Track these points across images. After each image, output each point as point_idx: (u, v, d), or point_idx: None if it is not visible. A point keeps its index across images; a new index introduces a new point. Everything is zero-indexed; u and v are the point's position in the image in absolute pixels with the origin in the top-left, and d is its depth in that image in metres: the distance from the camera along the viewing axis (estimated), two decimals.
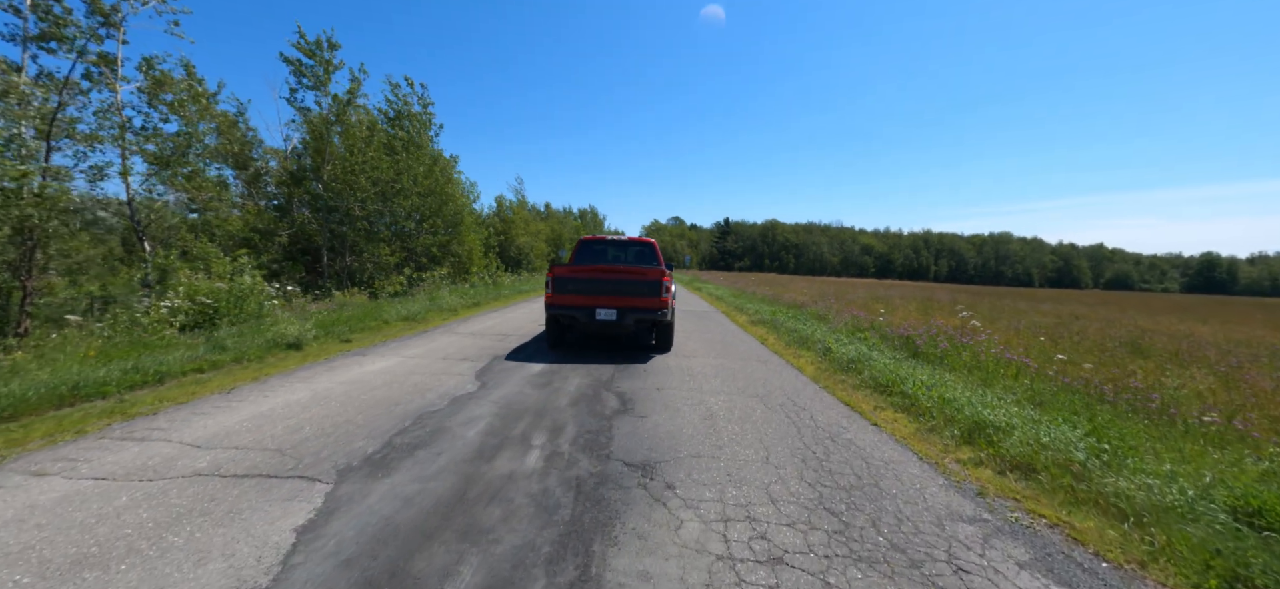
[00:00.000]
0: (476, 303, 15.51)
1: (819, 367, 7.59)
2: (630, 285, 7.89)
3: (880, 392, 6.08)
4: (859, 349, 8.11)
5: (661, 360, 7.77)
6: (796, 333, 10.20)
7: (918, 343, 8.45)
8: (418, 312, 12.11)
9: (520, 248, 36.75)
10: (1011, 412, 4.93)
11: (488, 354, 7.96)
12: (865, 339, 9.30)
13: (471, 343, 8.93)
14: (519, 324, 11.45)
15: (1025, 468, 3.86)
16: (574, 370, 6.94)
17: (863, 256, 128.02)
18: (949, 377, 6.61)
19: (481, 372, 6.74)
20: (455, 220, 22.85)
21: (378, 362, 7.23)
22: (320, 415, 4.75)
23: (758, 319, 13.10)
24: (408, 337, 9.49)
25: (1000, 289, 53.40)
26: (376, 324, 10.40)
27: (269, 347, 7.63)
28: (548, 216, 62.04)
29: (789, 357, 8.38)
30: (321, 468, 3.62)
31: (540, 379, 6.39)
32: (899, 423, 5.05)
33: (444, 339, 9.27)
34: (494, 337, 9.67)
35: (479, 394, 5.64)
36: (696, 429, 4.63)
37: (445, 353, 7.96)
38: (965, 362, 7.49)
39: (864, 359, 7.33)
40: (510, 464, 3.76)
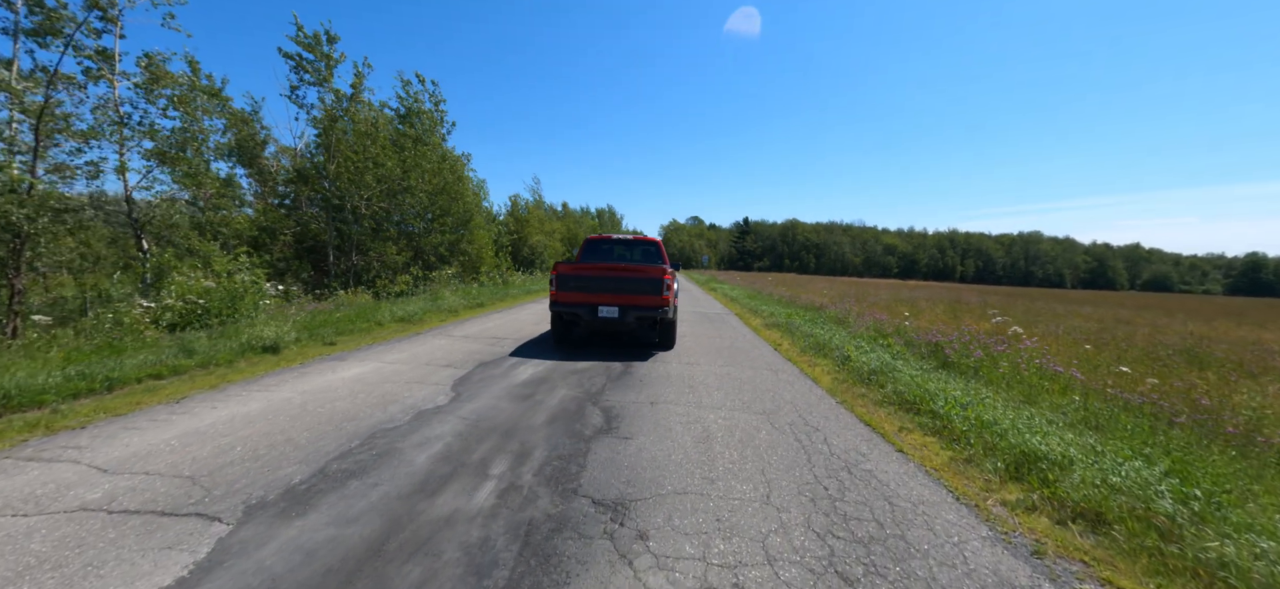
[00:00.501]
0: (480, 304, 15.02)
1: (836, 377, 6.82)
2: (632, 283, 7.97)
3: (906, 409, 5.30)
4: (881, 357, 7.31)
5: (662, 368, 7.09)
6: (813, 338, 9.42)
7: (948, 351, 7.62)
8: (416, 312, 11.63)
9: (533, 247, 36.38)
10: (1066, 438, 4.13)
11: (475, 359, 7.38)
12: (888, 346, 8.48)
13: (461, 346, 8.37)
14: (518, 326, 10.88)
15: (1092, 517, 3.08)
16: (564, 379, 6.31)
17: (886, 257, 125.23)
18: (986, 392, 5.80)
19: (461, 380, 6.14)
20: (464, 219, 22.49)
21: (354, 367, 6.70)
22: (261, 433, 4.19)
23: (772, 322, 12.32)
24: (397, 339, 8.97)
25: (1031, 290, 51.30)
26: (368, 326, 9.92)
27: (243, 350, 7.16)
28: (565, 216, 61.81)
29: (803, 365, 7.62)
30: (229, 503, 3.04)
31: (522, 390, 5.77)
32: (929, 449, 4.29)
33: (434, 342, 8.73)
34: (487, 339, 9.10)
35: (449, 407, 5.03)
36: (687, 456, 3.94)
37: (429, 358, 7.40)
38: (1003, 374, 6.65)
39: (887, 369, 6.54)
40: (454, 501, 3.13)
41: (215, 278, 11.10)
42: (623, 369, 6.96)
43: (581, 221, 66.04)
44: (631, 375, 6.60)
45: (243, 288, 10.86)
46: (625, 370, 6.87)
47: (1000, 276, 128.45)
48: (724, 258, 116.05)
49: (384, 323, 10.36)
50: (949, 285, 57.43)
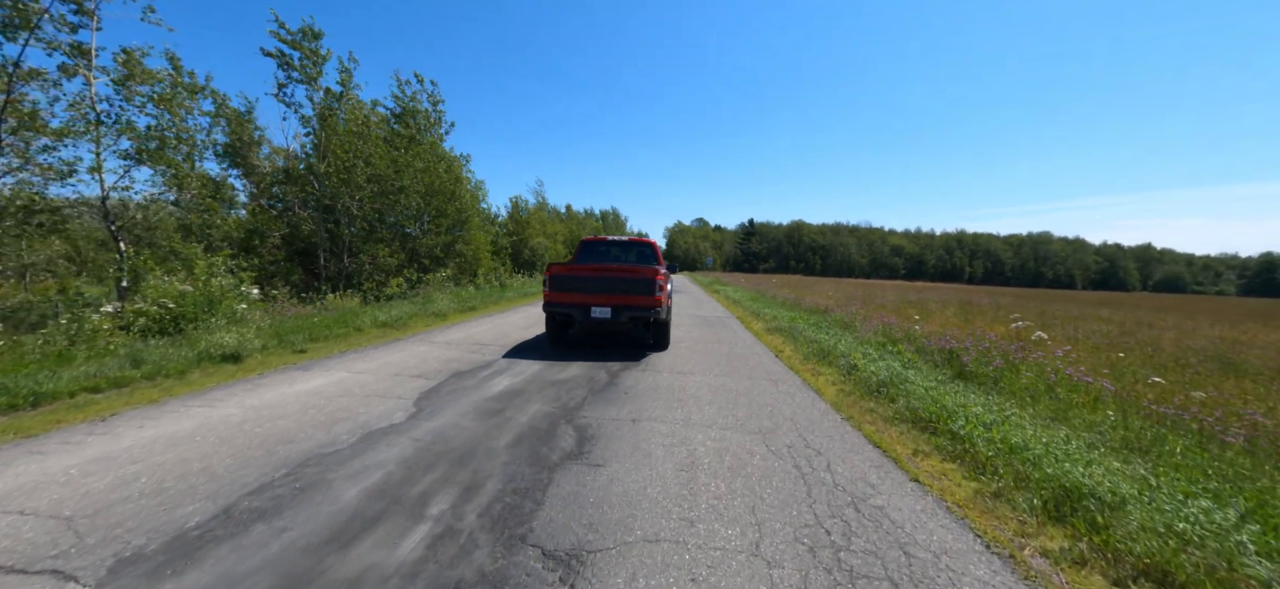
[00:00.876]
0: (473, 307, 14.50)
1: (842, 389, 6.22)
2: (624, 283, 7.96)
3: (921, 428, 4.70)
4: (891, 366, 6.70)
5: (651, 379, 6.51)
6: (817, 344, 8.81)
7: (964, 358, 7.00)
8: (401, 316, 11.12)
9: (534, 249, 35.91)
10: (1111, 467, 3.52)
11: (451, 368, 6.83)
12: (898, 353, 7.86)
13: (440, 354, 7.83)
14: (505, 331, 10.33)
15: (1159, 577, 2.48)
16: (541, 391, 5.75)
17: (892, 258, 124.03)
18: (1009, 406, 5.19)
19: (428, 393, 5.59)
20: (460, 221, 22.02)
21: (317, 379, 6.17)
22: (178, 459, 3.65)
23: (775, 326, 11.72)
24: (375, 346, 8.45)
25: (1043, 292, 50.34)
26: (346, 331, 9.41)
27: (200, 359, 6.65)
28: (568, 218, 61.44)
29: (806, 374, 7.03)
30: (98, 555, 2.49)
31: (493, 404, 5.21)
32: (950, 479, 3.69)
33: (413, 349, 8.20)
34: (469, 346, 8.55)
35: (404, 426, 4.48)
36: (666, 489, 3.37)
37: (402, 367, 6.86)
38: (1027, 385, 6.03)
39: (898, 380, 5.93)
40: (373, 553, 2.57)
41: (192, 281, 10.66)
42: (608, 379, 6.39)
43: (584, 224, 65.60)
44: (616, 387, 6.03)
45: (220, 292, 10.40)
46: (610, 381, 6.30)
47: (1009, 278, 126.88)
48: (729, 259, 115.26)
49: (364, 328, 9.85)
50: (957, 287, 56.48)
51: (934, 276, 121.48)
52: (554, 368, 7.00)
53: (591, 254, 10.60)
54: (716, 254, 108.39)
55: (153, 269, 11.16)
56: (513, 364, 7.21)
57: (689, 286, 32.41)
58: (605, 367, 7.15)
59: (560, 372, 6.79)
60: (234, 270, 13.16)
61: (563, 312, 8.10)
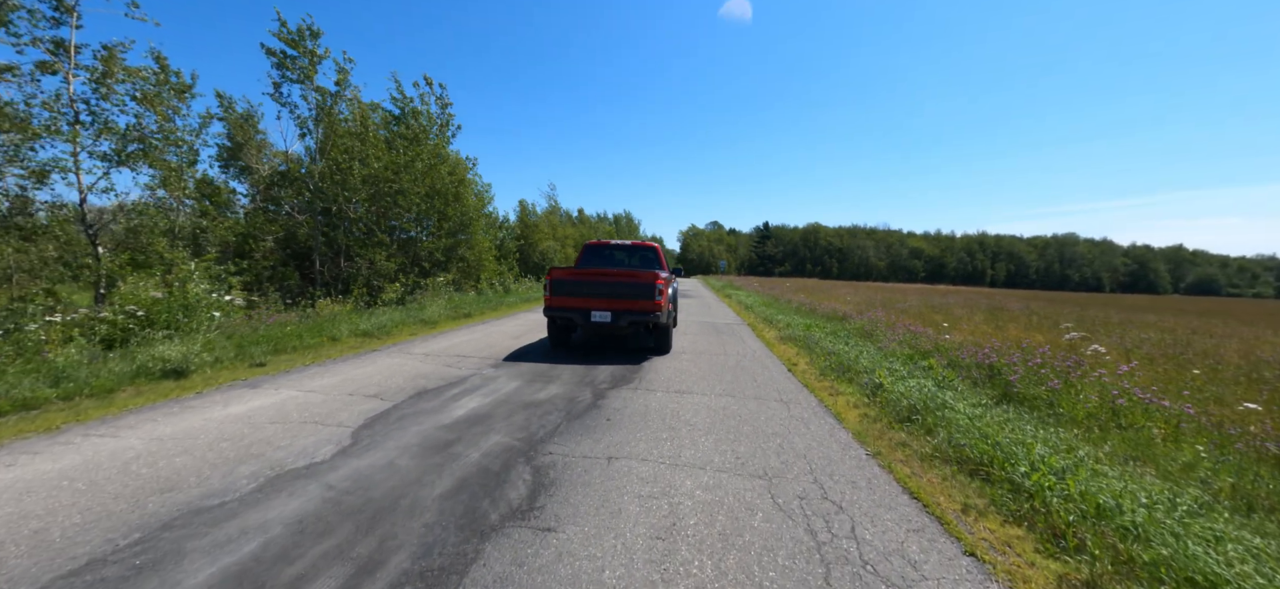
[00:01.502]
0: (467, 313, 13.75)
1: (866, 413, 5.27)
2: (624, 288, 7.90)
3: (969, 471, 3.74)
4: (923, 386, 5.72)
5: (641, 400, 5.63)
6: (836, 356, 7.84)
7: (1009, 374, 5.99)
8: (385, 325, 10.38)
9: (543, 253, 35.23)
10: (1250, 545, 2.55)
11: (416, 386, 6.02)
12: (930, 368, 6.86)
13: (412, 368, 7.03)
14: (494, 340, 9.53)
15: None
16: (508, 417, 4.90)
17: (912, 261, 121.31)
18: (1077, 441, 4.20)
19: (375, 419, 4.77)
20: (462, 224, 21.37)
21: (259, 398, 5.40)
22: (11, 518, 2.87)
23: (789, 334, 10.74)
24: (344, 358, 7.69)
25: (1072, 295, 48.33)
26: (319, 342, 8.68)
27: (136, 375, 5.93)
28: (581, 222, 60.89)
29: (823, 393, 6.08)
30: None
31: (444, 435, 4.37)
32: (1019, 553, 2.74)
33: (383, 362, 7.42)
34: (447, 359, 7.75)
35: (325, 466, 3.66)
36: (631, 570, 2.48)
37: (360, 385, 6.07)
38: (1087, 408, 5.03)
39: (934, 404, 4.97)
40: None
41: (166, 287, 10.06)
42: (591, 401, 5.52)
43: (596, 228, 64.98)
44: (599, 411, 5.15)
45: (196, 299, 9.78)
46: (594, 403, 5.43)
47: (1033, 280, 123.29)
48: (744, 263, 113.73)
49: (341, 337, 9.12)
50: (981, 290, 54.55)
51: (955, 279, 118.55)
52: (533, 385, 6.15)
53: (594, 258, 10.56)
54: (731, 258, 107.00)
55: (127, 274, 10.59)
56: (490, 380, 6.38)
57: (700, 291, 31.45)
58: (592, 384, 6.28)
59: (539, 390, 5.94)
60: (221, 276, 12.64)
61: (563, 316, 8.05)
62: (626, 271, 8.04)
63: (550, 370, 7.02)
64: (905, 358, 7.63)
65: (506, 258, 30.60)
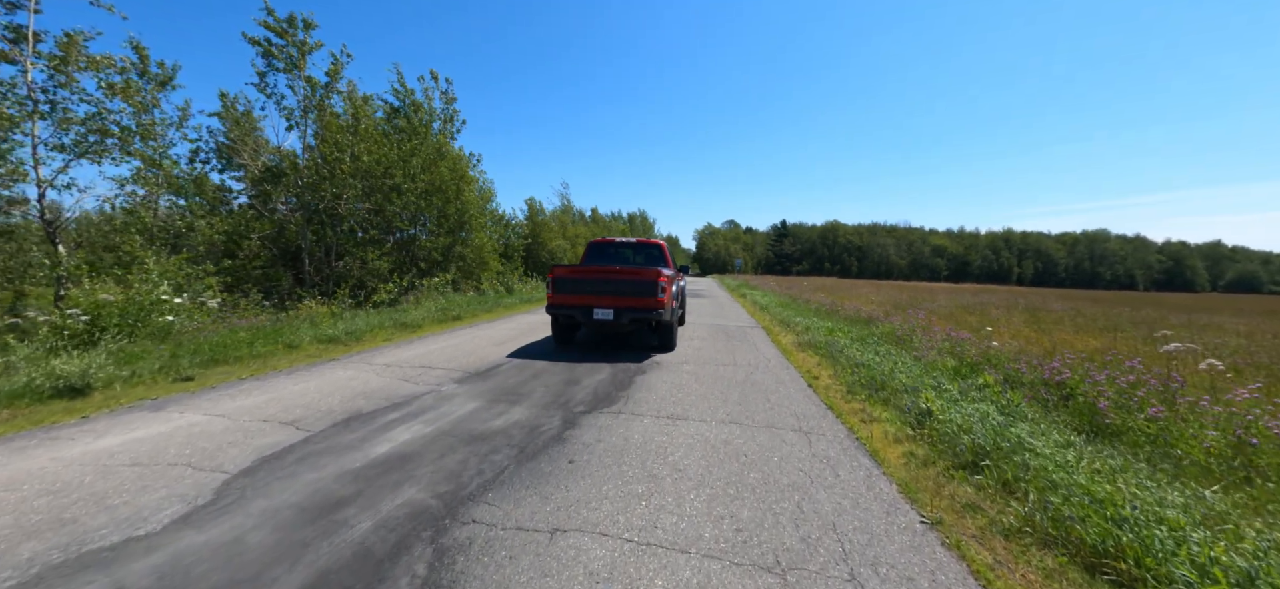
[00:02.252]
0: (457, 316, 12.73)
1: (912, 451, 4.03)
2: (626, 285, 7.77)
3: (1085, 565, 2.50)
4: (984, 412, 4.45)
5: (623, 429, 4.46)
6: (865, 369, 6.58)
7: (1088, 393, 4.70)
8: (356, 330, 9.37)
9: (552, 252, 34.21)
10: None
11: (350, 409, 4.94)
12: (987, 387, 5.56)
13: (361, 383, 5.96)
14: (473, 348, 8.44)
15: None
16: (440, 459, 3.78)
17: (934, 259, 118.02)
18: (1216, 498, 2.93)
19: (266, 461, 3.68)
20: (462, 222, 20.41)
21: (151, 426, 4.37)
22: None
23: (808, 340, 9.48)
24: (290, 370, 6.67)
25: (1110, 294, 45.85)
26: (271, 350, 7.69)
27: (19, 396, 4.95)
28: (594, 221, 59.99)
29: (852, 418, 4.85)
30: None
31: (338, 490, 3.25)
32: None
33: (329, 376, 6.37)
34: (409, 371, 6.68)
35: (141, 544, 2.56)
36: None
37: (285, 407, 5.01)
38: (1220, 452, 3.73)
39: (1004, 440, 3.71)
40: None
41: (121, 290, 9.19)
42: (557, 431, 4.37)
43: (610, 227, 63.99)
44: (563, 447, 4.00)
45: (149, 301, 8.89)
46: (559, 435, 4.28)
47: (1062, 278, 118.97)
48: (761, 261, 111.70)
49: (300, 345, 8.12)
50: (1012, 289, 52.10)
51: (979, 278, 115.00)
52: (494, 408, 5.03)
53: (599, 256, 10.45)
54: (747, 256, 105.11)
55: (82, 275, 9.76)
56: (444, 401, 5.27)
57: (714, 290, 30.14)
58: (566, 406, 5.13)
59: (499, 414, 4.81)
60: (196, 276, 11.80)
61: (566, 314, 7.97)
62: (628, 269, 7.85)
63: (522, 386, 5.89)
64: (951, 372, 6.34)
65: (512, 257, 29.69)
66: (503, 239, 30.06)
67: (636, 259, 10.29)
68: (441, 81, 22.16)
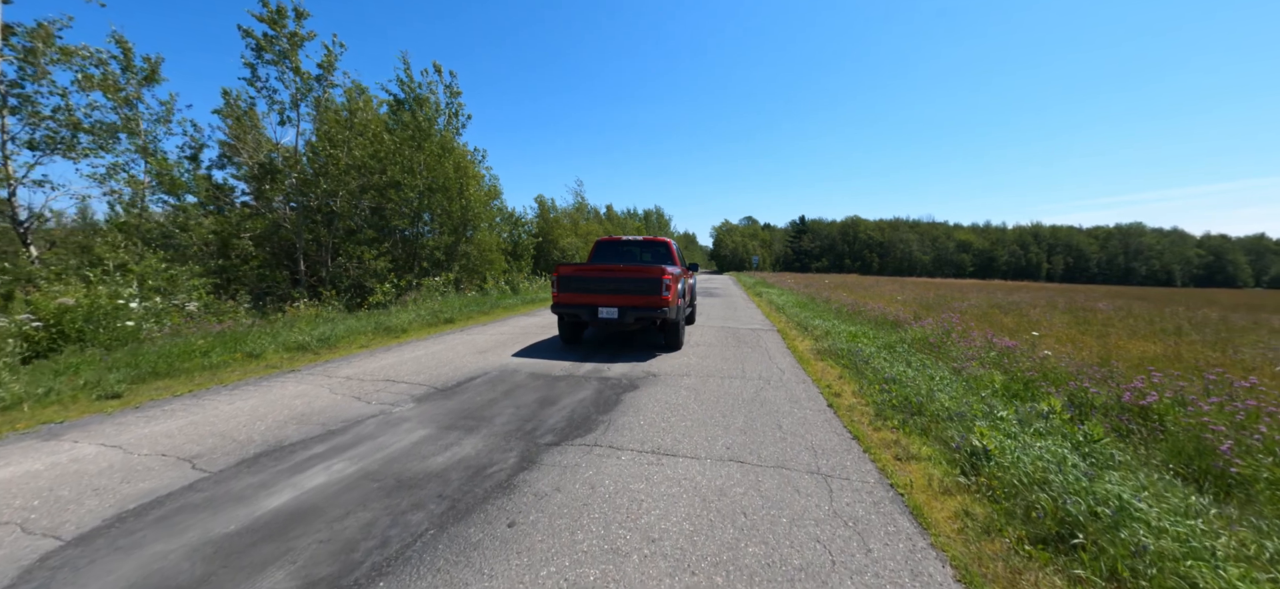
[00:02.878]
0: (449, 318, 11.95)
1: (966, 511, 3.04)
2: (631, 284, 7.72)
3: None
4: (1059, 455, 3.43)
5: (593, 467, 3.56)
6: (897, 385, 5.57)
7: (1192, 428, 3.64)
8: (329, 336, 8.61)
9: (563, 250, 33.45)
10: None
11: (267, 442, 4.12)
12: (1050, 410, 4.50)
13: (300, 404, 5.16)
14: (452, 358, 7.62)
15: None
16: (340, 523, 2.92)
17: (959, 254, 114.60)
18: None
19: (120, 519, 2.86)
20: (465, 220, 19.71)
21: (23, 462, 3.60)
22: None
23: (828, 346, 8.46)
24: (236, 385, 5.91)
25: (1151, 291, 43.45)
26: (227, 359, 6.96)
27: None
28: (609, 219, 59.22)
29: (884, 454, 3.87)
30: None
31: (188, 570, 2.41)
32: None
33: (275, 393, 5.58)
34: (367, 386, 5.87)
35: None
36: None
37: (188, 438, 4.21)
38: None
39: (1097, 502, 2.71)
40: None
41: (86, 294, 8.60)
42: (510, 473, 3.48)
43: (625, 225, 63.11)
44: (510, 497, 3.11)
45: (110, 304, 8.28)
46: (509, 481, 3.38)
47: (1094, 274, 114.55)
48: (779, 258, 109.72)
49: (264, 353, 7.39)
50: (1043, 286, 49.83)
51: (1006, 274, 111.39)
52: (445, 437, 4.16)
53: (606, 254, 10.45)
54: (765, 253, 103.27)
55: (49, 277, 9.20)
56: (387, 428, 4.43)
57: (729, 289, 29.04)
58: (532, 435, 4.24)
59: (447, 446, 3.94)
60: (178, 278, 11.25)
61: (571, 312, 7.93)
62: (633, 267, 7.78)
63: (488, 407, 5.02)
64: (1002, 391, 5.29)
65: (522, 256, 28.98)
66: (511, 237, 29.40)
67: (643, 257, 10.29)
68: (445, 75, 21.52)
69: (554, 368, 6.87)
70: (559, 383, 6.04)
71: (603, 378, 6.30)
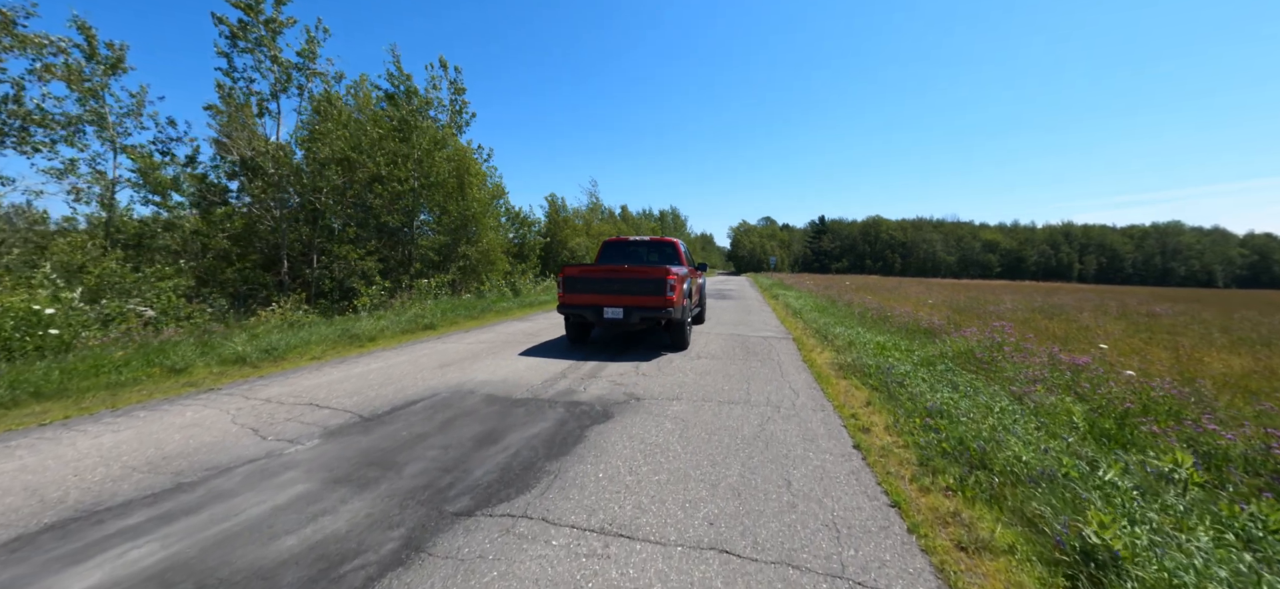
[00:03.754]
0: (429, 324, 10.89)
1: None
2: (635, 284, 7.68)
3: None
4: (1229, 559, 2.16)
5: (505, 563, 2.38)
6: (946, 418, 4.28)
7: None
8: (277, 348, 7.58)
9: (572, 251, 32.40)
10: None
11: (88, 502, 3.04)
12: (1177, 467, 3.19)
13: (183, 439, 4.08)
14: (406, 374, 6.52)
15: None
16: None
17: (985, 255, 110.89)
18: None
19: None
20: (464, 220, 18.73)
21: None
22: None
23: (851, 360, 7.17)
24: (124, 409, 4.88)
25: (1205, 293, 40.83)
26: (141, 375, 5.96)
27: None
28: (624, 219, 58.27)
29: (942, 543, 2.63)
30: None
31: None
32: None
33: (167, 420, 4.53)
34: (287, 411, 4.78)
35: None
36: None
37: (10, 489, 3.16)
38: None
39: None
40: None
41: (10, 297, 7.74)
42: (381, 568, 2.32)
43: (639, 226, 62.01)
44: None
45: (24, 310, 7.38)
46: (369, 585, 2.23)
47: (1129, 275, 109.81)
48: (798, 259, 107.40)
49: (191, 367, 6.38)
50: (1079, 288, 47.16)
51: (1035, 274, 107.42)
52: (320, 501, 3.03)
53: (613, 254, 10.52)
54: (783, 253, 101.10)
55: None
56: (258, 483, 3.32)
57: (744, 290, 27.66)
58: (444, 493, 3.09)
59: (311, 519, 2.81)
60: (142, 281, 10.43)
61: (577, 313, 7.94)
62: (637, 267, 7.80)
63: (407, 447, 3.88)
64: (1088, 429, 3.98)
65: (528, 257, 28.01)
66: (517, 238, 28.47)
67: (650, 258, 10.26)
68: (450, 71, 20.70)
69: (518, 388, 5.72)
70: (515, 410, 4.88)
71: (572, 403, 5.12)
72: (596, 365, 6.97)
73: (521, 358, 7.48)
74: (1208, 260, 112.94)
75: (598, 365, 6.96)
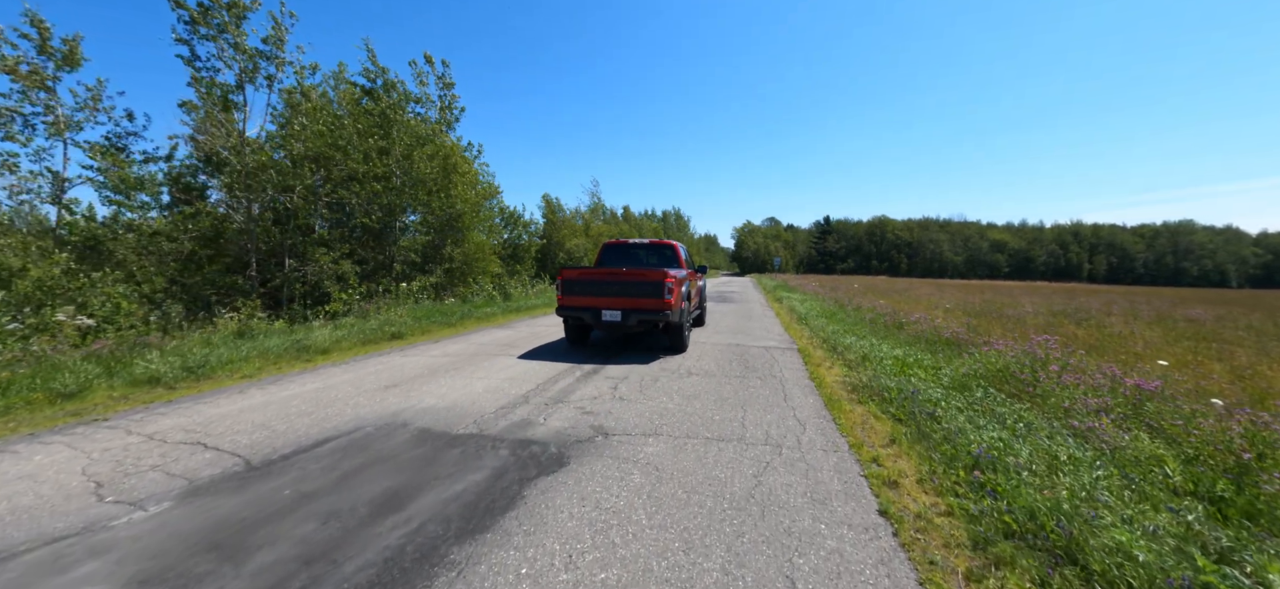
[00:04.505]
0: (397, 333, 9.92)
1: None
2: (633, 287, 7.69)
3: None
4: None
5: None
6: (995, 467, 3.27)
7: None
8: (208, 363, 6.63)
9: (570, 252, 31.45)
10: None
11: None
12: None
13: (38, 484, 3.12)
14: (339, 397, 5.54)
15: None
16: None
17: (993, 255, 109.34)
18: None
19: None
20: (450, 219, 17.79)
21: None
22: None
23: (867, 380, 6.14)
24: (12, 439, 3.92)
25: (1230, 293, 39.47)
26: (15, 403, 5.00)
27: None
28: (626, 220, 57.41)
29: None
30: None
31: None
32: None
33: (7, 468, 3.56)
34: (164, 451, 3.81)
35: None
36: None
37: None
38: None
39: None
40: None
41: None
42: None
43: (641, 227, 61.10)
44: None
45: None
46: None
47: (1140, 275, 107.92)
48: (802, 260, 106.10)
49: (89, 390, 5.43)
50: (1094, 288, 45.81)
51: (1044, 274, 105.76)
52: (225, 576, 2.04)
53: (612, 257, 10.47)
54: (788, 254, 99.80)
55: None
56: (64, 573, 2.33)
57: (748, 293, 26.59)
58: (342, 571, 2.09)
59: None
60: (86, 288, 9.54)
61: (575, 315, 7.94)
62: (634, 270, 7.80)
63: (273, 524, 2.89)
64: (1186, 481, 2.95)
65: (523, 259, 27.08)
66: (510, 239, 27.56)
67: (649, 260, 10.17)
68: (438, 66, 19.87)
69: (464, 418, 4.73)
70: (447, 453, 3.88)
71: (522, 441, 4.12)
72: (569, 385, 5.98)
73: (484, 375, 6.49)
74: (1221, 260, 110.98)
75: (570, 385, 5.97)
